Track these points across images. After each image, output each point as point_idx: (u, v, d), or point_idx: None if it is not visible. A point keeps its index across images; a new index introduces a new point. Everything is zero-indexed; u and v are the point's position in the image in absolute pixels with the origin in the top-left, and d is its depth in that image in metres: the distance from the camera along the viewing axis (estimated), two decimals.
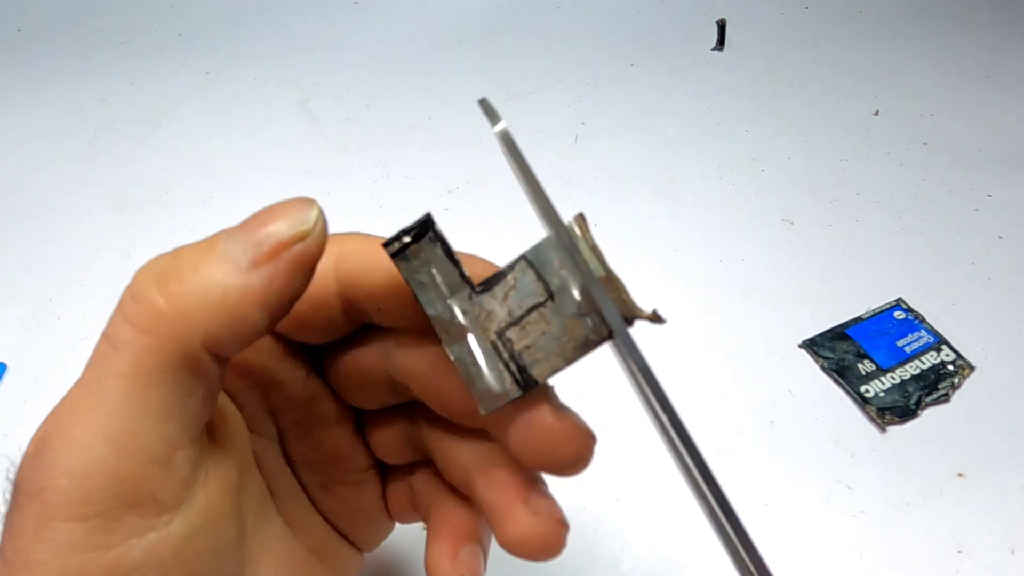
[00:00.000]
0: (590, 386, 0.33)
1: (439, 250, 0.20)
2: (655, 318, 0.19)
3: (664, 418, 0.18)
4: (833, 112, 0.66)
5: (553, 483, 0.23)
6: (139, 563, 0.17)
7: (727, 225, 0.55)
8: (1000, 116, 0.64)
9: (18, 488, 0.18)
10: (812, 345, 0.46)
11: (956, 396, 0.44)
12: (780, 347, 0.47)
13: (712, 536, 0.19)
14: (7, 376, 0.47)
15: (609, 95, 0.69)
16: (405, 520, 0.28)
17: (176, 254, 0.19)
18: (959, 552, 0.37)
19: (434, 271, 0.20)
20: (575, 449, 0.20)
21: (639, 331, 0.19)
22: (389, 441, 0.26)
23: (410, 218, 0.20)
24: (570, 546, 0.38)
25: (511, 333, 0.20)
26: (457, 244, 0.20)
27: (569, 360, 0.20)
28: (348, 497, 0.27)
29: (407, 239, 0.20)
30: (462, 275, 0.20)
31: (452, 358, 0.20)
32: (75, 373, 0.18)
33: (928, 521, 0.38)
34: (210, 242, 0.19)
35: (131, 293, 0.18)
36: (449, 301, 0.20)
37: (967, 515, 0.38)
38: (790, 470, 0.41)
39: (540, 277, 0.20)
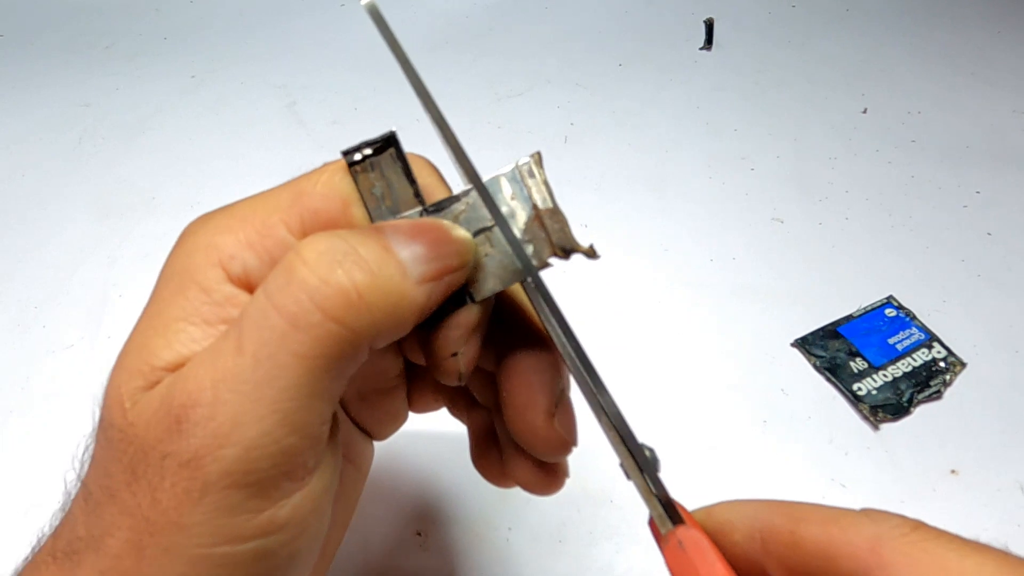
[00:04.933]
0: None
1: (399, 167, 0.21)
2: (591, 253, 0.21)
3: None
4: (822, 110, 0.66)
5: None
6: (286, 521, 0.19)
7: (717, 224, 0.55)
8: (987, 112, 0.65)
9: (151, 450, 0.18)
10: (804, 344, 0.46)
11: (948, 393, 0.44)
12: (772, 346, 0.47)
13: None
14: None
15: (598, 95, 0.69)
16: (423, 411, 0.30)
17: (350, 242, 0.19)
18: None
19: (390, 186, 0.21)
20: (554, 455, 0.24)
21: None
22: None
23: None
24: (564, 549, 0.38)
25: None
26: None
27: (506, 283, 0.21)
28: (378, 402, 0.28)
29: (368, 151, 0.21)
30: (417, 194, 0.21)
31: None
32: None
33: (922, 518, 0.38)
34: (381, 242, 0.19)
35: (313, 271, 0.18)
36: (399, 216, 0.21)
37: (961, 512, 0.38)
38: (784, 469, 0.41)
39: (491, 204, 0.21)
